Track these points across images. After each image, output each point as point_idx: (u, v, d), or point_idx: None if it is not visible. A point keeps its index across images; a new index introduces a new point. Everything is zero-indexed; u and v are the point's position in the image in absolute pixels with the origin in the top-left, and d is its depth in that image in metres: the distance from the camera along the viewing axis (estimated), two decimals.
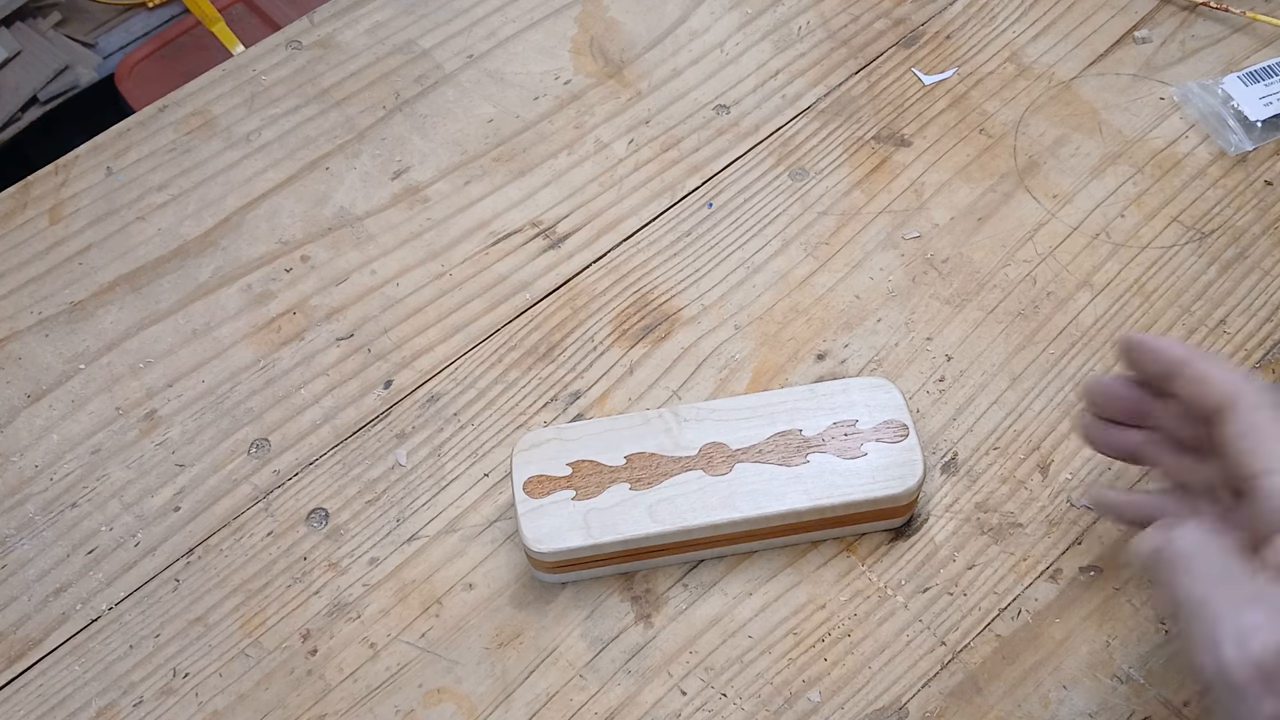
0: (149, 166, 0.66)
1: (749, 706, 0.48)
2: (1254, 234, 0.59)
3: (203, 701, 0.50)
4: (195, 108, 0.68)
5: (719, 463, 0.50)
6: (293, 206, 0.64)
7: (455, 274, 0.61)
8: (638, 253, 0.61)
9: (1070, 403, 0.54)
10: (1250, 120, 0.62)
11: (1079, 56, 0.66)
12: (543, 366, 0.58)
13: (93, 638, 0.52)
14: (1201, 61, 0.65)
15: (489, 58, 0.69)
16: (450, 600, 0.51)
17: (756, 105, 0.66)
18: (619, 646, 0.50)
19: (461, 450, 0.55)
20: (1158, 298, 0.57)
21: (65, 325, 0.61)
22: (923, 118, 0.64)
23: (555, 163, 0.65)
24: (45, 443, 0.57)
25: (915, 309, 0.58)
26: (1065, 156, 0.62)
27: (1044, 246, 0.59)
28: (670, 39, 0.69)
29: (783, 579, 0.51)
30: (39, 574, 0.53)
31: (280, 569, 0.53)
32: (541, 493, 0.49)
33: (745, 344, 0.58)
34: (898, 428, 0.50)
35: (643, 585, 0.51)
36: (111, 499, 0.55)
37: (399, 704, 0.49)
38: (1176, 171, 0.61)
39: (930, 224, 0.61)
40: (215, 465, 0.56)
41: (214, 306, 0.61)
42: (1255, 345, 0.55)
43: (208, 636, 0.51)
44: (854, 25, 0.69)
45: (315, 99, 0.68)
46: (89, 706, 0.50)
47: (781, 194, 0.62)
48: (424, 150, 0.66)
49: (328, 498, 0.54)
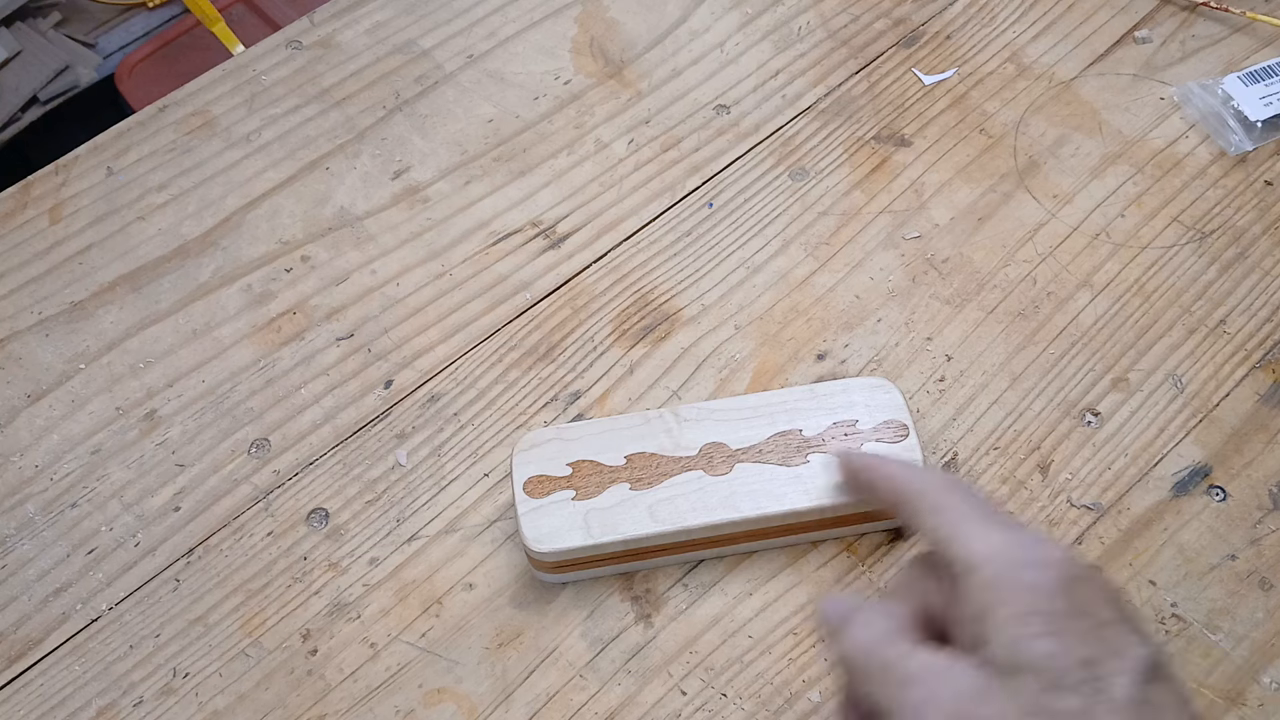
0: (149, 166, 0.66)
1: (749, 706, 0.48)
2: (1254, 234, 0.59)
3: (203, 701, 0.50)
4: (195, 108, 0.68)
5: (719, 463, 0.50)
6: (293, 206, 0.64)
7: (455, 274, 0.61)
8: (638, 253, 0.61)
9: (1070, 402, 0.54)
10: (1250, 120, 0.62)
11: (1079, 56, 0.66)
12: (543, 366, 0.58)
13: (93, 638, 0.52)
14: (1201, 61, 0.65)
15: (489, 58, 0.69)
16: (450, 600, 0.51)
17: (756, 105, 0.66)
18: (619, 646, 0.50)
19: (462, 450, 0.55)
20: (1158, 298, 0.57)
21: (65, 325, 0.61)
22: (923, 118, 0.64)
23: (555, 163, 0.65)
24: (45, 443, 0.57)
25: (915, 309, 0.58)
26: (1065, 156, 0.62)
27: (1044, 246, 0.59)
28: (670, 39, 0.69)
29: (783, 579, 0.51)
30: (39, 574, 0.53)
31: (280, 569, 0.53)
32: (541, 493, 0.49)
33: (745, 344, 0.58)
34: (898, 428, 0.50)
35: (643, 585, 0.51)
36: (111, 499, 0.55)
37: (399, 704, 0.49)
38: (1176, 171, 0.61)
39: (930, 224, 0.61)
40: (215, 465, 0.56)
41: (214, 306, 0.61)
42: (1255, 345, 0.55)
43: (208, 636, 0.51)
44: (854, 25, 0.69)
45: (315, 99, 0.68)
46: (89, 706, 0.50)
47: (781, 194, 0.62)
48: (424, 150, 0.66)
49: (328, 498, 0.54)
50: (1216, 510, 0.51)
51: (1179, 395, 0.54)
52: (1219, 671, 0.48)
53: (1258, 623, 0.49)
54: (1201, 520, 0.51)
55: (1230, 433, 0.53)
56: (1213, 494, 0.52)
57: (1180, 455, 0.53)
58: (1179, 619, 0.49)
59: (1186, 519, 0.51)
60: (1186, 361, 0.55)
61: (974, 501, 0.37)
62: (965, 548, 0.35)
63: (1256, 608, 0.49)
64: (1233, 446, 0.53)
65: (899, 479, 0.40)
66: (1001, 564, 0.34)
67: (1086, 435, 0.54)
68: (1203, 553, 0.50)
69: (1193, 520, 0.51)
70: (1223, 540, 0.51)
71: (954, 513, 0.37)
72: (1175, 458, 0.53)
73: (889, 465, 0.41)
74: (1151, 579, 0.50)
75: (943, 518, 0.37)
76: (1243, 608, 0.49)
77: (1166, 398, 0.54)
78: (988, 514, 0.36)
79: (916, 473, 0.39)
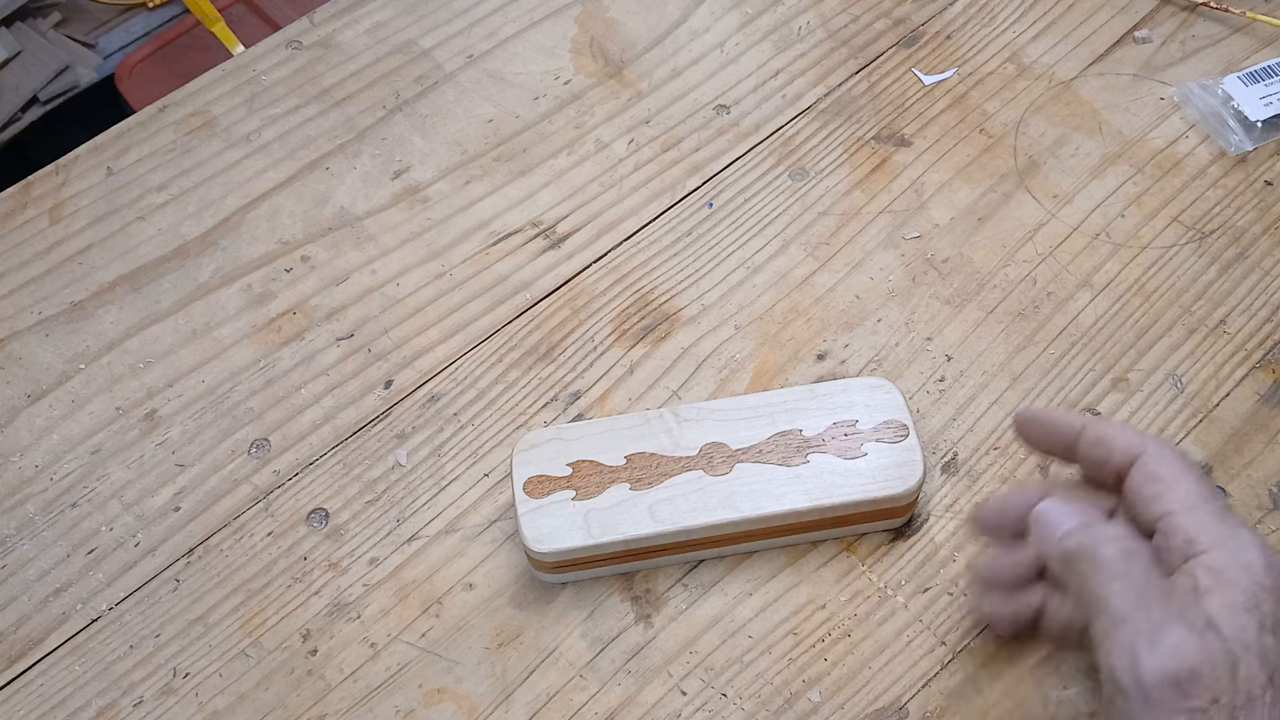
0: (149, 166, 0.66)
1: (749, 706, 0.48)
2: (1254, 234, 0.59)
3: (203, 701, 0.50)
4: (195, 108, 0.68)
5: (719, 463, 0.50)
6: (293, 206, 0.64)
7: (455, 274, 0.61)
8: (638, 253, 0.61)
9: (1070, 402, 0.54)
10: (1250, 120, 0.62)
11: (1079, 56, 0.66)
12: (543, 366, 0.58)
13: (93, 638, 0.52)
14: (1201, 61, 0.65)
15: (489, 58, 0.69)
16: (450, 600, 0.51)
17: (756, 105, 0.66)
18: (619, 646, 0.50)
19: (461, 450, 0.55)
20: (1158, 298, 0.57)
21: (65, 325, 0.61)
22: (923, 118, 0.64)
23: (555, 163, 0.65)
24: (45, 443, 0.57)
25: (915, 309, 0.58)
26: (1065, 156, 0.62)
27: (1044, 246, 0.59)
28: (670, 39, 0.69)
29: (783, 579, 0.51)
30: (39, 574, 0.53)
31: (280, 569, 0.53)
32: (541, 493, 0.49)
33: (745, 344, 0.58)
34: (898, 428, 0.50)
35: (643, 585, 0.51)
36: (111, 499, 0.55)
37: (399, 704, 0.49)
38: (1176, 171, 0.61)
39: (930, 224, 0.61)
40: (215, 465, 0.56)
41: (214, 306, 0.61)
42: (1255, 345, 0.55)
43: (208, 636, 0.51)
44: (854, 25, 0.69)
45: (315, 99, 0.68)
46: (89, 706, 0.50)
47: (781, 194, 0.62)
48: (424, 150, 0.66)
49: (328, 498, 0.54)
50: None
51: (1179, 395, 0.54)
52: None
53: None
54: None
55: (1230, 433, 0.53)
56: None
57: None
58: None
59: None
60: (1186, 361, 0.55)
61: (1197, 477, 0.41)
62: (1192, 527, 0.39)
63: None
64: (1233, 446, 0.53)
65: (1115, 439, 0.43)
66: (1228, 555, 0.38)
67: None
68: None
69: None
70: None
71: (1169, 479, 0.41)
72: None
73: (1098, 426, 0.43)
74: None
75: (1157, 487, 0.41)
76: None
77: (1166, 398, 0.54)
78: (1211, 494, 0.40)
79: (1131, 435, 0.43)
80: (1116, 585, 0.38)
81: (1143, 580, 0.38)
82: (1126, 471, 0.42)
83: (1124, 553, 0.39)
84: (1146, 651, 0.36)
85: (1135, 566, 0.38)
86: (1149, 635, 0.36)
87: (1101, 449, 0.43)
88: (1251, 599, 0.37)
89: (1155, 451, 0.42)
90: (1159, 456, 0.41)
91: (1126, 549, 0.39)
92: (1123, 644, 0.37)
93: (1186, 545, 0.39)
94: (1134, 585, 0.38)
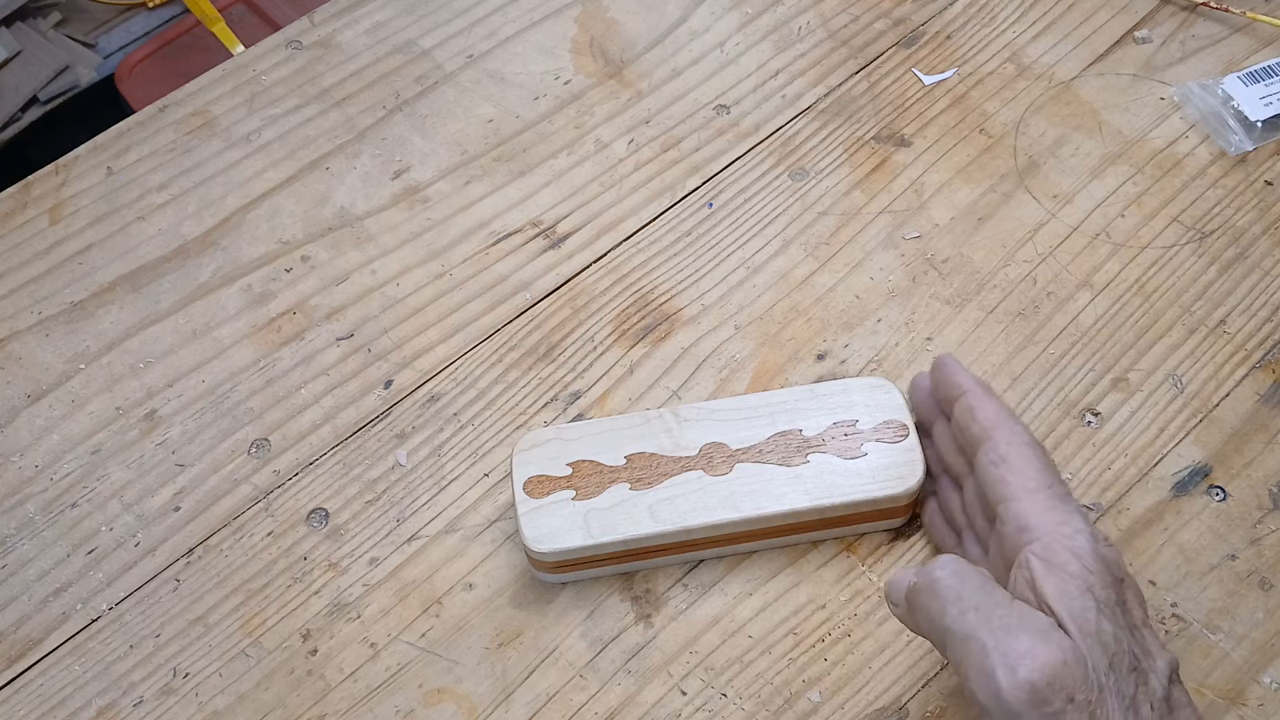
0: (149, 166, 0.66)
1: (749, 706, 0.48)
2: (1254, 234, 0.59)
3: (203, 701, 0.50)
4: (195, 108, 0.68)
5: (719, 463, 0.50)
6: (293, 206, 0.64)
7: (455, 274, 0.61)
8: (638, 253, 0.61)
9: (1070, 402, 0.54)
10: (1250, 120, 0.62)
11: (1079, 56, 0.66)
12: (543, 366, 0.58)
13: (93, 638, 0.52)
14: (1201, 61, 0.65)
15: (489, 58, 0.69)
16: (450, 600, 0.51)
17: (756, 105, 0.66)
18: (619, 646, 0.50)
19: (461, 450, 0.55)
20: (1158, 298, 0.57)
21: (65, 325, 0.61)
22: (923, 118, 0.64)
23: (555, 163, 0.65)
24: (45, 443, 0.57)
25: (915, 309, 0.58)
26: (1065, 156, 0.62)
27: (1044, 246, 0.59)
28: (670, 39, 0.69)
29: (783, 579, 0.51)
30: (39, 574, 0.53)
31: (280, 569, 0.53)
32: (541, 493, 0.49)
33: (745, 344, 0.58)
34: (898, 428, 0.50)
35: (643, 585, 0.51)
36: (111, 499, 0.55)
37: (399, 704, 0.49)
38: (1176, 171, 0.61)
39: (930, 224, 0.61)
40: (215, 465, 0.56)
41: (214, 306, 0.61)
42: (1255, 345, 0.55)
43: (208, 636, 0.51)
44: (854, 25, 0.69)
45: (315, 99, 0.68)
46: (89, 706, 0.50)
47: (781, 194, 0.62)
48: (424, 150, 0.66)
49: (328, 498, 0.54)
50: (1216, 510, 0.51)
51: (1179, 395, 0.54)
52: (1219, 671, 0.48)
53: (1258, 623, 0.49)
54: (1201, 520, 0.51)
55: (1230, 433, 0.53)
56: (1213, 494, 0.52)
57: (1180, 455, 0.53)
58: (1179, 619, 0.49)
59: (1186, 519, 0.51)
60: (1186, 361, 0.55)
61: (1040, 463, 0.42)
62: (1025, 514, 0.41)
63: (1256, 608, 0.49)
64: (1233, 446, 0.53)
65: (980, 411, 0.45)
66: (1057, 542, 0.39)
67: (1086, 435, 0.54)
68: (1203, 553, 0.50)
69: (1193, 520, 0.51)
70: (1223, 540, 0.51)
71: (1012, 464, 0.42)
72: (1175, 458, 0.53)
73: (975, 396, 0.45)
74: (1151, 579, 0.50)
75: (998, 471, 0.42)
76: (1243, 608, 0.49)
77: (1166, 398, 0.54)
78: (1050, 481, 0.42)
79: (996, 413, 0.44)
80: (954, 608, 0.38)
81: (979, 596, 0.38)
82: (979, 447, 0.44)
83: (956, 574, 0.39)
84: (1000, 667, 0.36)
85: (969, 585, 0.39)
86: (997, 650, 0.37)
87: (967, 416, 0.45)
88: (1084, 584, 0.38)
89: (1005, 433, 0.43)
90: (1009, 438, 0.43)
91: (958, 570, 0.39)
92: (975, 665, 0.37)
93: (1019, 533, 0.40)
94: (971, 602, 0.38)
